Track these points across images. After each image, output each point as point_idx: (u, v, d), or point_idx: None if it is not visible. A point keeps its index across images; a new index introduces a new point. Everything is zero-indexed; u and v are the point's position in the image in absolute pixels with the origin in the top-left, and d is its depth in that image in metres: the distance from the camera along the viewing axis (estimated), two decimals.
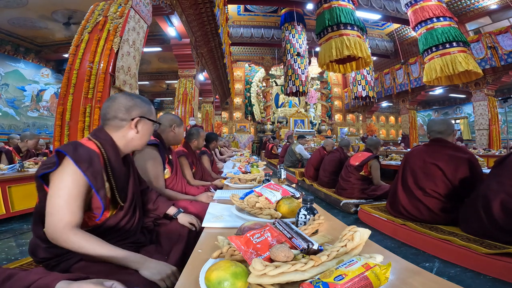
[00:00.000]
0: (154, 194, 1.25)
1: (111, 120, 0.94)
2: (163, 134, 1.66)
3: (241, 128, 13.53)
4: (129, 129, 0.96)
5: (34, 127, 8.66)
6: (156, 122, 1.04)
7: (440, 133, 2.16)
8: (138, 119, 0.96)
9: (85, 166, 0.80)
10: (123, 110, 0.95)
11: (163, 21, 4.81)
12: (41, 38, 7.87)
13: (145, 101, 1.03)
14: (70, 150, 0.81)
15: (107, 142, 0.92)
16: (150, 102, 1.06)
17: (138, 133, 0.98)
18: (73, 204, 0.79)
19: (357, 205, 2.92)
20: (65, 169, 0.80)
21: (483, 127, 8.30)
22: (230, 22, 11.27)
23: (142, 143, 1.01)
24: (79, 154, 0.81)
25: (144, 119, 0.99)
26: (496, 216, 1.58)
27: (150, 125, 1.02)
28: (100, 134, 0.94)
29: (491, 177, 1.73)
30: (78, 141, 0.89)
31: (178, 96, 5.96)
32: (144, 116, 0.99)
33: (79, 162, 0.80)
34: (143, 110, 0.99)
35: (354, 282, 0.43)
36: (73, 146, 0.83)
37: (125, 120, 0.95)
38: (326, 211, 1.14)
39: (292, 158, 6.01)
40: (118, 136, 0.95)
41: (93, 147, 0.88)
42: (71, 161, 0.79)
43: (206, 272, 0.51)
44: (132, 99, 0.98)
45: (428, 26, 6.58)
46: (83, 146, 0.85)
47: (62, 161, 0.80)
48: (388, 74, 11.75)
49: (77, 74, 2.61)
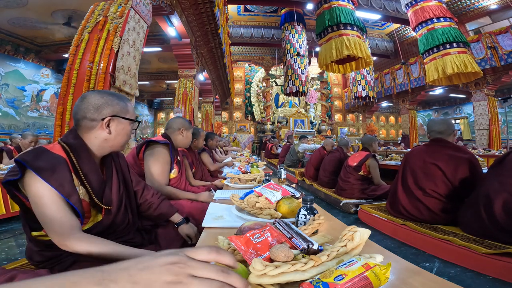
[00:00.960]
0: (156, 198, 1.19)
1: (81, 121, 0.89)
2: (172, 136, 1.74)
3: (241, 128, 13.53)
4: (101, 129, 0.89)
5: (34, 127, 8.66)
6: (132, 120, 0.97)
7: (440, 133, 2.16)
8: (110, 118, 0.90)
9: (47, 174, 0.75)
10: (92, 110, 0.88)
11: (163, 21, 4.81)
12: (41, 38, 7.87)
13: (119, 98, 0.95)
14: (30, 159, 0.76)
15: (77, 144, 0.87)
16: (127, 99, 0.99)
17: (111, 133, 0.91)
18: (61, 211, 0.76)
19: (357, 205, 2.92)
20: (31, 179, 0.75)
21: (483, 127, 8.30)
22: (230, 22, 11.27)
23: (119, 143, 0.94)
24: (39, 163, 0.76)
25: (117, 118, 0.91)
26: (498, 217, 1.58)
27: (126, 124, 0.94)
28: (70, 136, 0.89)
29: (491, 176, 1.73)
30: (44, 146, 0.83)
31: (178, 96, 5.96)
32: (117, 114, 0.91)
33: (39, 171, 0.75)
34: (114, 109, 0.91)
35: (354, 282, 0.43)
36: (34, 155, 0.78)
37: (95, 120, 0.88)
38: (326, 211, 1.14)
39: (293, 158, 6.02)
40: (90, 137, 0.90)
41: (60, 152, 0.83)
42: (32, 171, 0.74)
43: None
44: (102, 97, 0.91)
45: (429, 26, 6.59)
46: (46, 153, 0.80)
47: (25, 171, 0.76)
48: (388, 74, 11.75)
49: (77, 74, 2.61)
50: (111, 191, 0.95)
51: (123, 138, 0.95)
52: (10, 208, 2.62)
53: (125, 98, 0.98)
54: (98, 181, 0.91)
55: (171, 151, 1.63)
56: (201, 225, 0.94)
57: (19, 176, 0.75)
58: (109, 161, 1.00)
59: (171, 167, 1.63)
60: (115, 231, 0.94)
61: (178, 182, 1.70)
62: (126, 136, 0.96)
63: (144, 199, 1.16)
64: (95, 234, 0.85)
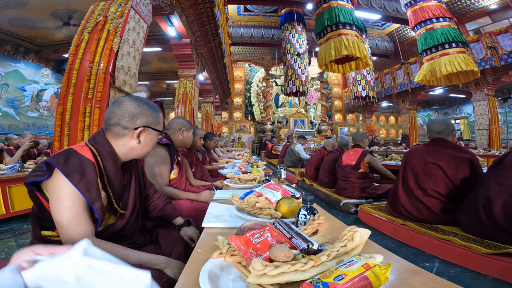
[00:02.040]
0: (162, 200, 1.20)
1: (113, 127, 0.88)
2: (172, 137, 1.73)
3: (241, 128, 13.53)
4: (131, 138, 0.89)
5: (34, 127, 8.66)
6: (162, 132, 0.97)
7: (439, 133, 2.16)
8: (142, 129, 0.89)
9: (76, 178, 0.75)
10: (127, 118, 0.87)
11: (163, 21, 4.81)
12: (41, 38, 7.87)
13: (153, 108, 0.94)
14: (61, 161, 0.76)
15: (105, 149, 0.87)
16: (158, 109, 0.97)
17: (140, 143, 0.90)
18: (81, 215, 0.76)
19: (357, 205, 2.92)
20: (58, 181, 0.75)
21: (483, 127, 8.30)
22: (230, 22, 11.27)
23: (143, 153, 0.94)
24: (69, 166, 0.76)
25: (148, 129, 0.91)
26: (497, 217, 1.58)
27: (155, 135, 0.95)
28: (99, 139, 0.88)
29: (491, 177, 1.73)
30: (73, 148, 0.83)
31: (178, 96, 5.96)
32: (149, 125, 0.91)
33: (69, 175, 0.74)
34: (148, 119, 0.91)
35: (354, 282, 0.43)
36: (64, 157, 0.78)
37: (127, 128, 0.88)
38: (326, 211, 1.14)
39: (292, 158, 6.01)
40: (119, 144, 0.89)
41: (88, 154, 0.82)
42: (62, 174, 0.74)
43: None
44: (138, 106, 0.90)
45: (428, 26, 6.59)
46: (76, 155, 0.80)
47: (53, 172, 0.76)
48: (388, 74, 11.75)
49: (77, 74, 2.61)
50: (129, 196, 0.95)
51: (149, 148, 0.95)
52: (10, 208, 2.62)
53: (158, 109, 0.97)
54: (120, 186, 0.91)
55: (172, 151, 1.63)
56: (201, 225, 0.94)
57: (46, 177, 0.75)
58: (130, 165, 1.00)
59: (171, 167, 1.63)
60: (123, 234, 0.94)
61: (178, 182, 1.70)
62: (152, 146, 0.96)
63: (151, 201, 1.18)
64: (105, 236, 0.86)
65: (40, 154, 4.18)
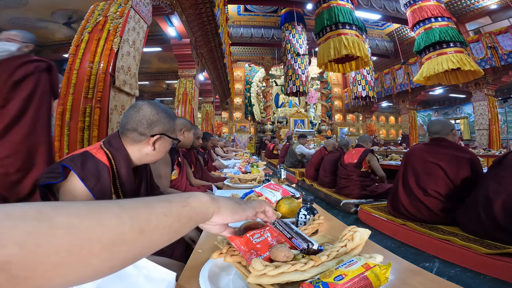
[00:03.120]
0: None
1: (130, 132, 0.88)
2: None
3: (241, 128, 13.53)
4: (147, 145, 0.90)
5: None
6: (176, 139, 0.98)
7: (437, 132, 2.17)
8: (159, 136, 0.90)
9: (92, 183, 0.76)
10: (145, 124, 0.88)
11: (163, 21, 4.80)
12: (41, 38, 7.87)
13: (170, 116, 0.95)
14: (78, 165, 0.76)
15: (120, 153, 0.87)
16: (175, 117, 0.99)
17: (155, 150, 0.92)
18: None
19: (357, 205, 2.92)
20: (74, 184, 0.76)
21: (483, 127, 8.30)
22: (230, 22, 11.27)
23: (155, 159, 0.96)
24: (86, 170, 0.77)
25: (164, 137, 0.92)
26: (498, 217, 1.58)
27: (169, 143, 0.96)
28: (114, 143, 0.88)
29: (491, 177, 1.73)
30: (89, 151, 0.83)
31: (178, 96, 5.95)
32: (165, 133, 0.92)
33: (85, 179, 0.75)
34: (165, 127, 0.92)
35: (354, 282, 0.43)
36: (81, 160, 0.78)
37: (144, 135, 0.89)
38: (326, 211, 1.14)
39: (292, 159, 6.01)
40: (134, 149, 0.90)
41: (103, 158, 0.83)
42: (78, 178, 0.75)
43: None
44: (157, 113, 0.91)
45: (426, 26, 6.58)
46: (92, 159, 0.81)
47: (68, 175, 0.76)
48: (388, 74, 11.75)
49: (77, 74, 2.61)
50: None
51: (162, 154, 0.96)
52: None
53: (175, 117, 0.99)
54: (131, 190, 0.91)
55: (172, 152, 1.62)
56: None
57: (61, 180, 0.75)
58: (140, 169, 1.00)
59: (172, 168, 1.63)
60: None
61: (179, 183, 1.70)
62: (165, 153, 0.97)
63: None
64: None
65: None
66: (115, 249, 0.27)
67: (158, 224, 0.31)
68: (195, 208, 0.38)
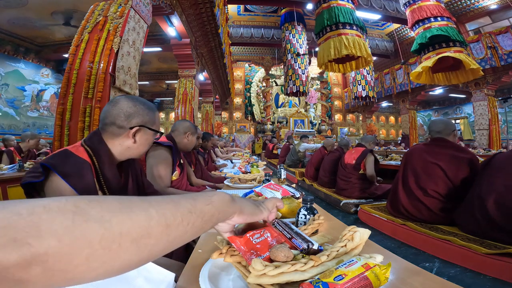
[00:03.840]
0: None
1: (109, 126, 0.88)
2: (177, 139, 1.74)
3: (241, 128, 13.52)
4: (127, 138, 0.89)
5: (34, 127, 8.66)
6: (158, 132, 0.97)
7: (439, 132, 2.16)
8: (138, 128, 0.89)
9: (74, 180, 0.75)
10: (122, 117, 0.87)
11: (163, 21, 4.80)
12: (41, 38, 7.87)
13: (150, 108, 0.94)
14: (57, 163, 0.76)
15: (101, 149, 0.86)
16: (155, 109, 0.98)
17: (136, 142, 0.90)
18: None
19: (357, 205, 2.92)
20: (56, 183, 0.75)
21: (483, 127, 8.29)
22: (230, 22, 11.26)
23: (139, 153, 0.94)
24: (66, 168, 0.76)
25: (144, 128, 0.91)
26: (494, 217, 1.59)
27: (151, 135, 0.95)
28: (94, 139, 0.88)
29: (482, 178, 1.76)
30: (68, 149, 0.83)
31: (178, 96, 5.95)
32: (145, 125, 0.91)
33: (67, 177, 0.75)
34: (144, 119, 0.91)
35: (354, 282, 0.43)
36: (61, 158, 0.78)
37: (123, 128, 0.88)
38: (326, 211, 1.14)
39: (293, 158, 6.02)
40: (115, 144, 0.89)
41: (84, 155, 0.82)
42: (59, 176, 0.74)
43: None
44: (134, 105, 0.90)
45: (425, 25, 6.58)
46: (72, 156, 0.80)
47: (49, 174, 0.75)
48: (388, 74, 11.74)
49: (77, 74, 2.61)
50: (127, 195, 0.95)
51: (145, 148, 0.95)
52: None
53: (154, 108, 0.97)
54: (117, 186, 0.91)
55: (174, 153, 1.63)
56: None
57: (42, 179, 0.74)
58: (127, 165, 1.00)
59: (173, 169, 1.64)
60: None
61: (179, 184, 1.71)
62: (148, 146, 0.96)
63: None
64: None
65: (40, 155, 4.17)
66: (142, 242, 0.27)
67: (183, 220, 0.32)
68: (217, 206, 0.40)
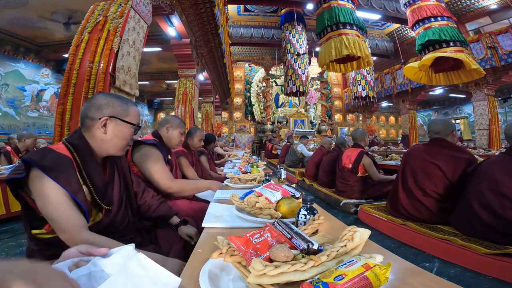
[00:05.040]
0: (156, 200, 1.20)
1: (83, 120, 0.91)
2: (161, 134, 1.69)
3: (241, 128, 13.52)
4: (98, 129, 0.89)
5: (34, 127, 8.65)
6: (133, 124, 0.94)
7: (437, 133, 2.16)
8: (107, 118, 0.89)
9: (54, 173, 0.77)
10: (94, 109, 0.89)
11: (163, 21, 4.80)
12: (41, 38, 7.86)
13: (123, 100, 0.94)
14: (37, 158, 0.77)
15: (80, 144, 0.88)
16: (131, 103, 0.97)
17: (107, 134, 0.90)
18: (69, 208, 0.78)
19: (357, 205, 2.92)
20: (38, 178, 0.77)
21: (483, 127, 8.29)
22: (230, 22, 11.26)
23: (116, 146, 0.93)
24: (46, 162, 0.77)
25: (115, 119, 0.90)
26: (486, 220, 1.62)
27: (126, 128, 0.93)
28: (74, 136, 0.90)
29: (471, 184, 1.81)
30: (49, 147, 0.85)
31: (178, 96, 5.95)
32: (115, 116, 0.90)
33: (47, 170, 0.76)
34: (114, 110, 0.90)
35: (354, 282, 0.43)
36: (41, 154, 0.79)
37: (94, 119, 0.89)
38: (326, 211, 1.14)
39: (293, 158, 6.02)
40: (90, 137, 0.90)
41: (65, 151, 0.84)
42: (40, 171, 0.76)
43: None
44: (106, 98, 0.91)
45: (426, 25, 6.57)
46: (52, 152, 0.81)
47: (31, 170, 0.77)
48: (388, 74, 11.74)
49: (77, 74, 2.61)
50: (113, 192, 0.96)
51: (120, 140, 0.93)
52: (10, 208, 2.62)
53: (130, 102, 0.97)
54: (101, 181, 0.92)
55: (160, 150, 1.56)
56: (201, 225, 0.94)
57: (23, 175, 0.76)
58: (112, 162, 1.01)
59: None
60: (115, 231, 0.95)
61: None
62: (124, 140, 0.94)
63: (144, 200, 1.17)
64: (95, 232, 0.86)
65: None
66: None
67: None
68: None
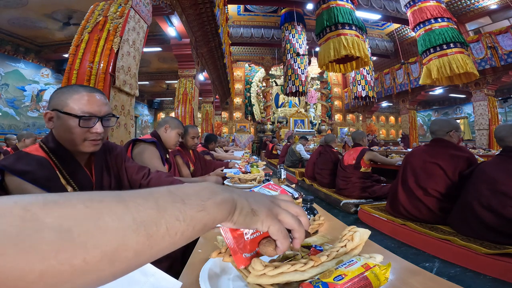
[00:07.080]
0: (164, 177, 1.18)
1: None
2: (159, 134, 1.71)
3: (241, 128, 13.52)
4: (47, 123, 0.86)
5: (34, 127, 8.65)
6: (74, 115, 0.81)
7: (433, 133, 2.18)
8: (49, 112, 0.84)
9: (30, 175, 0.74)
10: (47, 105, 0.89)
11: (163, 21, 4.80)
12: (41, 38, 7.87)
13: (65, 91, 0.83)
14: (9, 163, 0.75)
15: (53, 144, 0.85)
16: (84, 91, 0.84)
17: (55, 128, 0.85)
18: None
19: (357, 205, 2.92)
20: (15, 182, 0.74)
21: (483, 127, 8.29)
22: (230, 22, 11.26)
23: (68, 141, 0.85)
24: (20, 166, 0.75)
25: (56, 112, 0.82)
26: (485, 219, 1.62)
27: (69, 120, 0.81)
28: (48, 137, 0.87)
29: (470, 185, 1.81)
30: (24, 150, 0.82)
31: (178, 96, 5.95)
32: (56, 108, 0.82)
33: (22, 174, 0.74)
34: (55, 102, 0.82)
35: (353, 282, 0.43)
36: (14, 158, 0.77)
37: (45, 116, 0.86)
38: (326, 211, 1.14)
39: (292, 158, 6.02)
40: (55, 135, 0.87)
41: (40, 153, 0.82)
42: (14, 176, 0.73)
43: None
44: (58, 89, 0.86)
45: (427, 27, 6.58)
46: (26, 156, 0.79)
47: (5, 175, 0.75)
48: (388, 74, 11.74)
49: (77, 74, 2.60)
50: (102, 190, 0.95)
51: (70, 134, 0.83)
52: None
53: (79, 90, 0.84)
54: (86, 181, 0.89)
55: (159, 149, 1.58)
56: None
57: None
58: (98, 160, 0.97)
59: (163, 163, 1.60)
60: None
61: None
62: (73, 133, 0.82)
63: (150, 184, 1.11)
64: None
65: None
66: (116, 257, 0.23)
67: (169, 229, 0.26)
68: (212, 213, 0.32)
